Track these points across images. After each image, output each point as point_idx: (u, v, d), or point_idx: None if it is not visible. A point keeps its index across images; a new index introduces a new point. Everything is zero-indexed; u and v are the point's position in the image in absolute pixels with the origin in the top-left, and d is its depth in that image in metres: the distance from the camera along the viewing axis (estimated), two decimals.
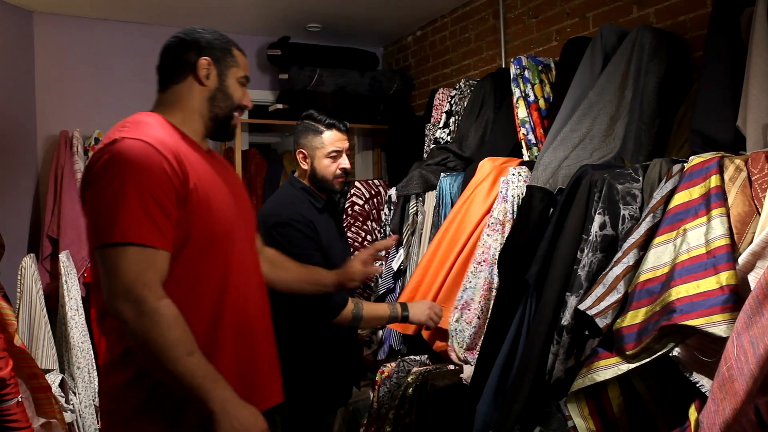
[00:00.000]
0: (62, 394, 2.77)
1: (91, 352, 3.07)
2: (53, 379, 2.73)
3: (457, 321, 2.17)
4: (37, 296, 2.84)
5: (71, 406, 2.79)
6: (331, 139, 2.05)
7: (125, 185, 1.23)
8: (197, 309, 1.34)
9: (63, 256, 3.07)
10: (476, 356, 2.05)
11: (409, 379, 2.24)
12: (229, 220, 1.40)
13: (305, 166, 2.06)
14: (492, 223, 2.16)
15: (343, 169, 2.07)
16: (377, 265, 1.84)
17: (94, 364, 3.07)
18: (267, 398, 1.47)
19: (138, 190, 1.24)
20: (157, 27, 3.77)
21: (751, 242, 1.26)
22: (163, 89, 1.50)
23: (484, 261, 2.15)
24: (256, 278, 1.51)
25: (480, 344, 2.06)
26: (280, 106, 3.76)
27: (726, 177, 1.37)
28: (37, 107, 3.52)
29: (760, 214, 1.28)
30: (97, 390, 3.06)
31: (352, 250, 3.14)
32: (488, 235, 2.16)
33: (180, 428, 1.31)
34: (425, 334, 2.37)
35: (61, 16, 3.56)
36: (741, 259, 1.26)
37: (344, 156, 2.08)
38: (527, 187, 2.00)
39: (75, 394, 2.92)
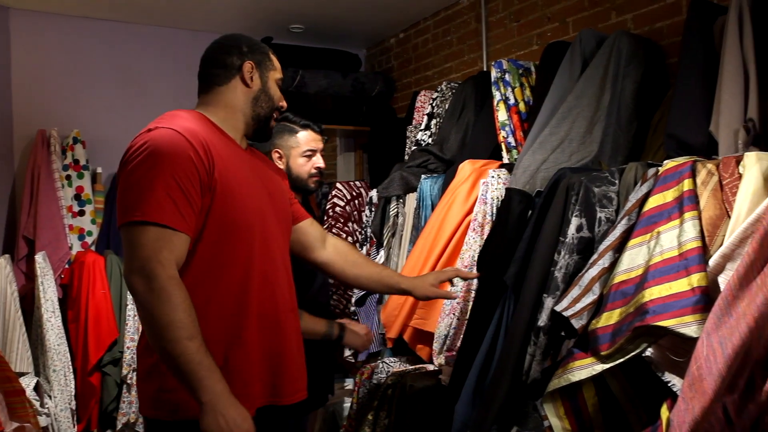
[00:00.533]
0: (37, 397, 2.73)
1: (68, 354, 3.04)
2: (28, 383, 2.70)
3: (446, 327, 2.17)
4: (11, 298, 2.80)
5: (46, 410, 2.75)
6: (305, 138, 2.10)
7: (152, 169, 1.31)
8: (221, 296, 1.39)
9: (39, 257, 3.03)
10: (455, 357, 2.06)
11: (388, 381, 2.24)
12: (255, 213, 1.46)
13: (281, 165, 2.09)
14: (472, 226, 2.18)
15: (318, 168, 2.12)
16: (450, 290, 1.83)
17: (71, 367, 3.04)
18: (294, 393, 1.51)
19: (163, 175, 1.31)
20: (137, 26, 3.74)
21: (721, 245, 1.29)
22: (206, 90, 1.56)
23: (466, 264, 2.17)
24: (285, 275, 1.55)
25: (458, 345, 2.07)
26: None
27: (698, 181, 1.40)
28: (14, 106, 3.48)
29: (730, 218, 1.31)
30: (73, 393, 3.03)
31: None
32: (470, 237, 2.18)
33: (185, 418, 1.34)
34: (407, 337, 2.38)
35: (38, 13, 3.51)
36: (711, 261, 1.28)
37: (318, 155, 2.13)
38: (506, 189, 2.02)
39: (50, 397, 2.88)
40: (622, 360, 1.36)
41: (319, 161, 2.11)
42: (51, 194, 3.25)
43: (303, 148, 2.09)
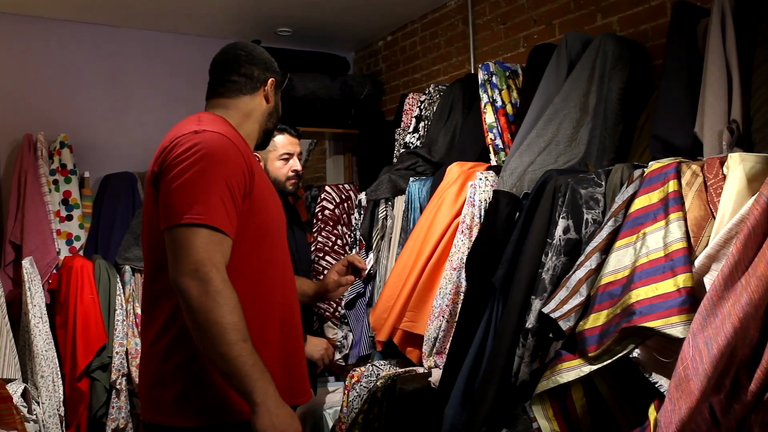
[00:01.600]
0: (25, 404, 2.71)
1: (56, 360, 3.01)
2: (15, 389, 2.67)
3: (436, 329, 2.17)
4: None
5: (34, 416, 2.73)
6: (282, 142, 2.17)
7: (207, 172, 1.33)
8: (252, 299, 1.41)
9: (26, 263, 3.00)
10: (444, 360, 2.07)
11: (378, 383, 2.24)
12: (275, 220, 1.53)
13: None
14: (461, 228, 2.18)
15: (295, 171, 2.19)
16: (351, 277, 1.88)
17: (59, 373, 3.01)
18: (306, 393, 1.58)
19: (217, 178, 1.33)
20: (124, 30, 3.72)
21: (706, 245, 1.30)
22: (231, 96, 1.59)
23: (455, 267, 2.17)
24: (294, 282, 1.62)
25: (448, 347, 2.08)
26: None
27: (683, 182, 1.41)
28: (0, 110, 3.45)
29: (715, 218, 1.32)
30: (61, 399, 3.00)
31: (321, 254, 3.14)
32: (459, 239, 2.18)
33: (212, 423, 1.36)
34: (396, 339, 2.38)
35: (24, 17, 3.48)
36: (697, 262, 1.29)
37: (295, 159, 2.19)
38: (493, 191, 2.03)
39: (38, 403, 2.86)
40: (609, 361, 1.37)
41: (295, 164, 2.18)
42: (38, 199, 3.22)
43: (280, 152, 2.16)
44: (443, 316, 2.15)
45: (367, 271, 2.71)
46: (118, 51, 3.72)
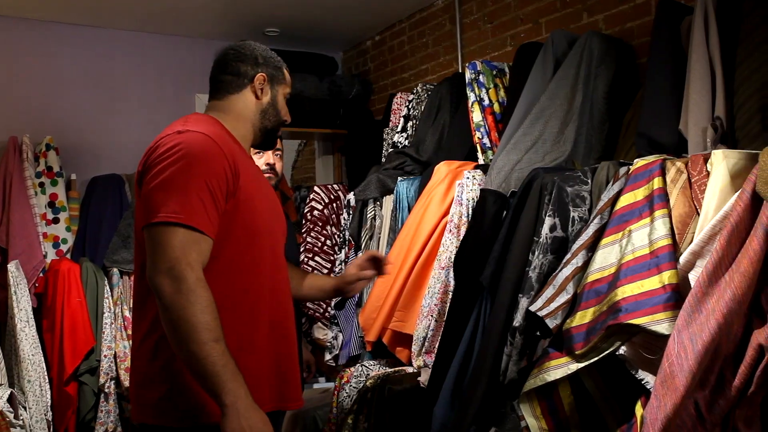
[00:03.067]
0: (11, 409, 2.68)
1: (43, 364, 2.98)
2: (1, 394, 2.65)
3: (425, 329, 2.17)
4: None
5: (20, 422, 2.70)
6: None
7: (185, 171, 1.32)
8: (237, 302, 1.41)
9: (12, 267, 2.97)
10: (433, 359, 2.07)
11: (368, 384, 2.24)
12: (266, 221, 1.50)
13: None
14: (449, 227, 2.18)
15: (269, 165, 2.18)
16: (371, 271, 1.86)
17: (46, 377, 2.98)
18: (298, 399, 1.55)
19: (196, 178, 1.32)
20: (111, 31, 3.70)
21: (691, 242, 1.30)
22: (218, 96, 1.58)
23: (443, 266, 2.17)
24: (287, 283, 1.58)
25: (437, 347, 2.08)
26: None
27: (668, 179, 1.41)
28: None
29: (699, 215, 1.32)
30: (49, 403, 2.97)
31: (311, 255, 3.13)
32: (447, 238, 2.18)
33: (196, 424, 1.34)
34: (386, 339, 2.37)
35: (9, 18, 3.45)
36: (682, 259, 1.30)
37: (269, 153, 2.18)
38: (480, 190, 2.03)
39: (25, 408, 2.83)
40: (596, 358, 1.37)
41: (268, 158, 2.16)
42: (24, 202, 3.19)
43: None
44: (432, 316, 2.15)
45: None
46: (105, 52, 3.69)
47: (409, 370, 2.29)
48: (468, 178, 2.16)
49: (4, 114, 3.43)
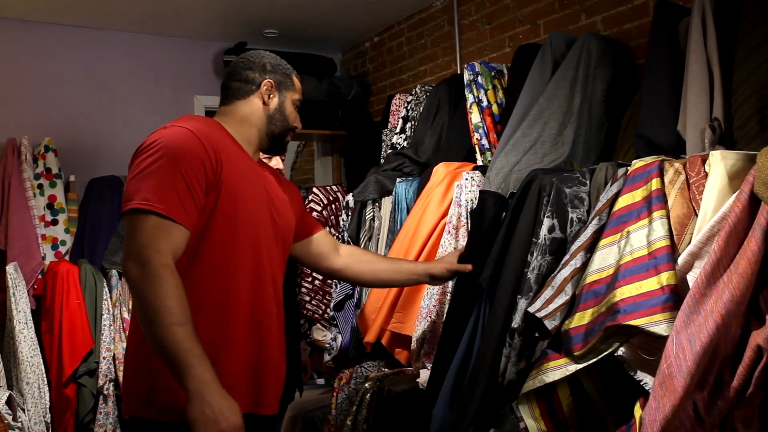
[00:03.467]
0: (9, 411, 2.68)
1: (42, 366, 2.98)
2: (0, 396, 2.64)
3: (424, 330, 2.17)
4: None
5: (19, 424, 2.70)
6: None
7: (159, 161, 1.35)
8: (216, 297, 1.43)
9: (10, 268, 2.97)
10: (432, 360, 2.07)
11: (366, 385, 2.23)
12: (253, 222, 1.50)
13: None
14: (447, 228, 2.18)
15: (279, 171, 2.17)
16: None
17: (45, 379, 2.98)
18: (273, 405, 1.54)
19: (171, 168, 1.35)
20: (109, 32, 3.70)
21: (689, 243, 1.30)
22: (226, 102, 1.63)
23: None
24: (273, 287, 1.57)
25: (436, 348, 2.07)
26: None
27: (666, 180, 1.41)
28: None
29: (697, 216, 1.32)
30: (48, 405, 2.97)
31: None
32: (446, 240, 2.18)
33: (177, 420, 1.33)
34: (384, 341, 2.37)
35: (7, 20, 3.45)
36: (680, 260, 1.30)
37: (278, 159, 2.21)
38: (480, 191, 2.03)
39: (24, 410, 2.83)
40: (595, 360, 1.37)
41: (278, 163, 2.20)
42: (22, 204, 3.19)
43: None
44: (431, 317, 2.15)
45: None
46: (103, 54, 3.69)
47: (408, 371, 2.28)
48: (467, 179, 2.16)
49: (3, 115, 3.44)
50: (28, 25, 3.51)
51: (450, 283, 2.12)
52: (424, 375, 2.09)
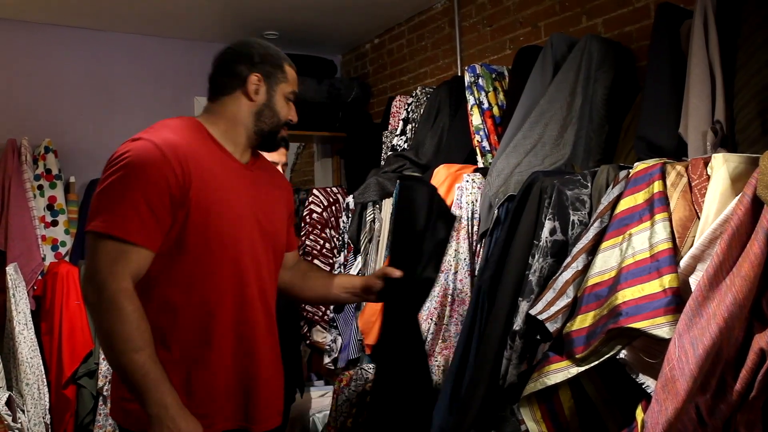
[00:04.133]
0: (9, 412, 2.67)
1: (41, 367, 2.98)
2: (0, 397, 2.64)
3: (424, 332, 2.16)
4: None
5: (19, 425, 2.69)
6: None
7: (123, 181, 1.30)
8: (189, 315, 1.38)
9: (10, 269, 2.97)
10: (434, 363, 2.06)
11: (366, 387, 2.23)
12: (233, 233, 1.41)
13: None
14: None
15: (281, 166, 2.14)
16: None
17: (44, 380, 2.98)
18: (267, 419, 1.48)
19: (133, 189, 1.29)
20: (110, 34, 3.69)
21: (691, 246, 1.30)
22: (212, 98, 1.53)
23: (442, 269, 2.16)
24: (261, 297, 1.49)
25: (435, 351, 2.07)
26: None
27: (668, 182, 1.41)
28: None
29: (699, 219, 1.32)
30: (47, 406, 2.96)
31: (310, 258, 3.13)
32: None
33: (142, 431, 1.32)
34: None
35: (8, 21, 3.45)
36: (682, 263, 1.30)
37: (280, 152, 2.15)
38: (401, 178, 2.02)
39: (23, 411, 2.82)
40: (596, 362, 1.37)
41: (281, 157, 2.14)
42: (22, 204, 3.19)
43: None
44: (431, 319, 2.14)
45: (355, 275, 2.70)
46: (104, 55, 3.69)
47: None
48: (467, 181, 2.16)
49: (3, 116, 3.43)
50: (28, 26, 3.51)
51: (451, 286, 2.11)
52: None
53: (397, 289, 1.67)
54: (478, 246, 2.11)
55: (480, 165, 2.32)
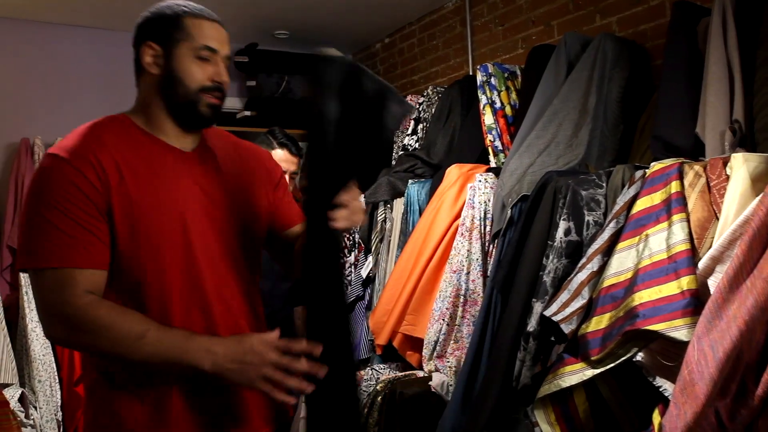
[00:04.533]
0: (22, 409, 2.69)
1: (53, 365, 2.99)
2: (12, 394, 2.65)
3: (436, 333, 2.15)
4: None
5: (31, 421, 2.70)
6: (278, 157, 2.10)
7: (33, 209, 1.16)
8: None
9: None
10: (445, 364, 2.05)
11: (378, 387, 2.22)
12: (169, 237, 1.21)
13: None
14: (460, 231, 2.17)
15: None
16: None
17: (56, 377, 2.99)
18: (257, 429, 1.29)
19: (47, 212, 1.14)
20: (121, 33, 3.69)
21: (710, 247, 1.28)
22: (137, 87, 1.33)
23: (455, 270, 2.15)
24: (227, 304, 1.27)
25: (447, 351, 2.06)
26: (248, 113, 3.72)
27: (686, 183, 1.39)
28: None
29: (718, 219, 1.30)
30: (59, 404, 2.98)
31: None
32: (458, 242, 2.16)
33: None
34: (396, 343, 2.36)
35: (21, 21, 3.47)
36: (701, 264, 1.28)
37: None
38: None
39: (36, 408, 2.84)
40: (612, 365, 1.35)
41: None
42: None
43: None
44: (443, 320, 2.13)
45: (366, 274, 2.70)
46: (116, 54, 3.68)
47: (420, 374, 2.27)
48: (480, 181, 2.15)
49: (16, 115, 3.45)
50: (41, 26, 3.52)
51: (464, 286, 2.10)
52: (437, 378, 2.08)
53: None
54: (491, 246, 2.10)
55: (492, 165, 2.31)
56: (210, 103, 1.26)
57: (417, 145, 2.91)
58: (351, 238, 2.96)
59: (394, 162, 3.06)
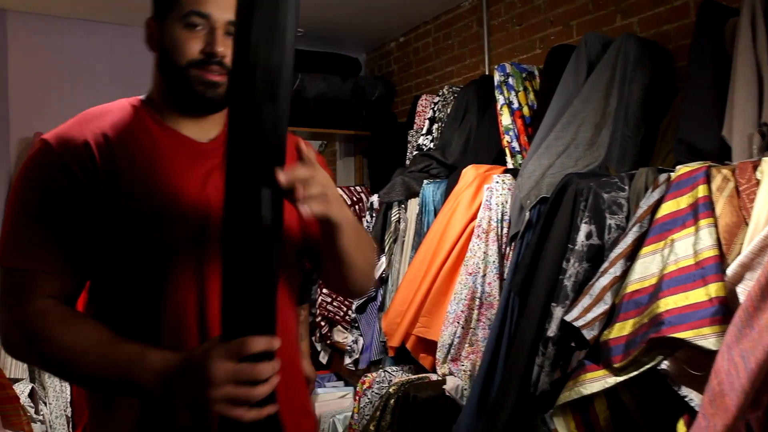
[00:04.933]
0: (32, 404, 2.68)
1: None
2: (22, 389, 2.65)
3: (450, 335, 2.12)
4: None
5: (41, 417, 2.70)
6: None
7: (11, 200, 1.06)
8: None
9: None
10: (460, 367, 2.02)
11: (390, 390, 2.19)
12: (178, 239, 1.05)
13: None
14: (477, 232, 2.13)
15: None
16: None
17: None
18: None
19: (21, 205, 1.04)
20: (136, 28, 3.69)
21: (739, 253, 1.25)
22: None
23: (470, 272, 2.12)
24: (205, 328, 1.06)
25: (461, 354, 2.03)
26: None
27: (713, 187, 1.36)
28: (11, 109, 3.43)
29: (748, 225, 1.27)
30: (69, 399, 2.97)
31: None
32: (474, 244, 2.13)
33: None
34: (409, 345, 2.33)
35: (36, 15, 3.47)
36: (729, 271, 1.24)
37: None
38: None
39: (45, 404, 2.83)
40: (636, 373, 1.32)
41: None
42: None
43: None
44: (458, 322, 2.10)
45: (379, 275, 2.67)
46: (130, 50, 3.68)
47: (433, 377, 2.24)
48: (497, 182, 2.12)
49: (29, 111, 3.45)
50: (54, 20, 3.52)
51: (479, 288, 2.07)
52: (451, 382, 2.05)
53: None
54: (507, 249, 2.06)
55: (510, 166, 2.28)
56: (206, 80, 1.07)
57: (432, 145, 2.88)
58: None
59: (407, 162, 3.03)
